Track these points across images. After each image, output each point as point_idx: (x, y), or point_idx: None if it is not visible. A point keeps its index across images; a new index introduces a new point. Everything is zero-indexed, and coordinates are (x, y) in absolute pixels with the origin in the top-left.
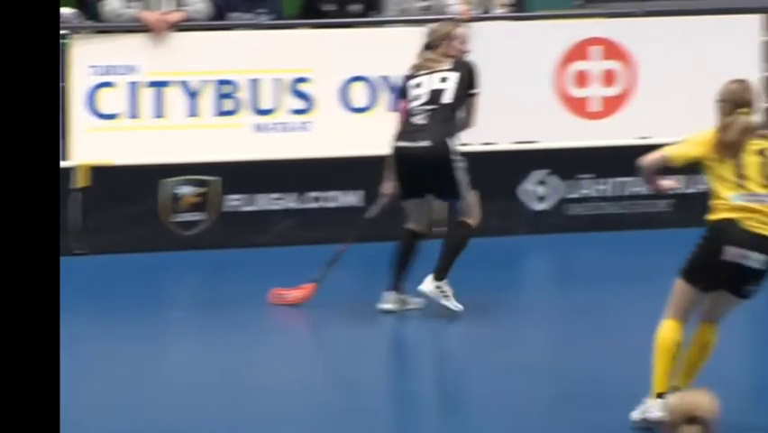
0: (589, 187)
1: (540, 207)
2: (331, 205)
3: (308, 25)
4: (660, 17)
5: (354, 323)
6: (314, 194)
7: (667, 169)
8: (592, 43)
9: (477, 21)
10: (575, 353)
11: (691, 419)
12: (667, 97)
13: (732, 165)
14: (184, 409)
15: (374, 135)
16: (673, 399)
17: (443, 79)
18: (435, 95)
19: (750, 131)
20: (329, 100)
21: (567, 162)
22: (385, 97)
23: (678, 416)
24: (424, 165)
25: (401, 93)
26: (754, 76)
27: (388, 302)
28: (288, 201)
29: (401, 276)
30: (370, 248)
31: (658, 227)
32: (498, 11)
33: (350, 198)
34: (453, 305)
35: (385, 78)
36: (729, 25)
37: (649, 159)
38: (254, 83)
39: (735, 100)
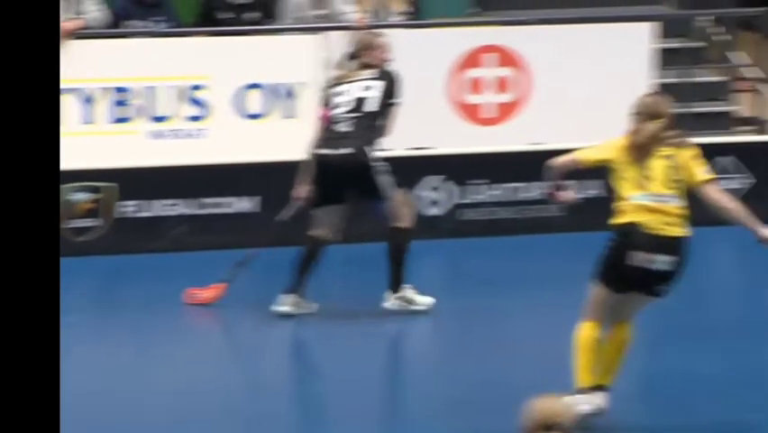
0: (483, 192)
1: (434, 212)
2: (225, 211)
3: (205, 33)
4: (553, 25)
5: (258, 326)
6: (208, 200)
7: (573, 175)
8: (486, 51)
9: (373, 29)
10: (468, 357)
11: (549, 427)
12: (560, 104)
13: (638, 167)
14: (81, 414)
15: (269, 142)
16: (532, 406)
17: (367, 88)
18: (359, 103)
19: (659, 138)
20: (225, 107)
21: (461, 168)
22: (280, 105)
23: (536, 423)
24: (345, 173)
25: (322, 101)
26: (644, 83)
27: (285, 304)
28: (183, 207)
29: (302, 280)
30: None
31: (550, 232)
32: (394, 18)
33: (244, 204)
34: (423, 304)
35: (280, 86)
36: (621, 33)
37: (560, 161)
38: (150, 90)
39: (649, 112)
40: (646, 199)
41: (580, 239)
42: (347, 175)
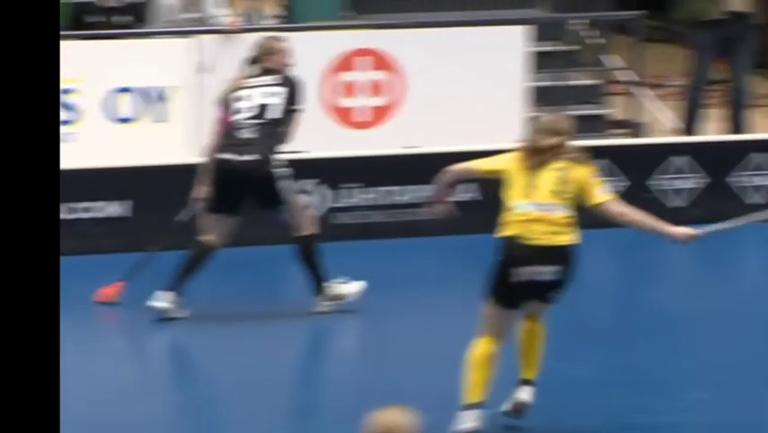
0: (356, 196)
1: None
2: (97, 215)
3: (75, 37)
4: (427, 29)
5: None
6: (79, 204)
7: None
8: (360, 54)
9: (245, 32)
10: (339, 360)
11: None
12: (434, 107)
13: (528, 177)
14: None
15: (140, 146)
16: (372, 417)
17: (271, 94)
18: (262, 109)
19: (557, 153)
20: (95, 111)
21: (334, 172)
22: (152, 108)
23: None
24: (247, 179)
25: (222, 104)
26: (518, 86)
27: (163, 301)
28: None
29: (184, 282)
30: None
31: (423, 235)
32: (267, 22)
33: (115, 209)
34: (352, 291)
35: (152, 90)
36: (495, 37)
37: (455, 168)
38: None
39: (549, 130)
40: (530, 208)
41: (454, 242)
42: (249, 182)
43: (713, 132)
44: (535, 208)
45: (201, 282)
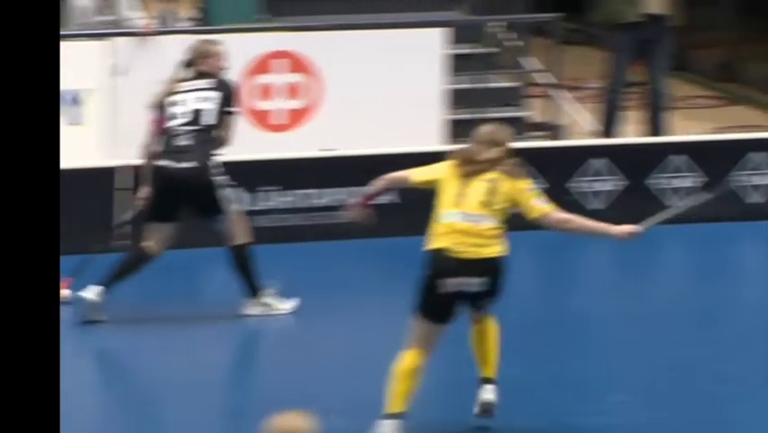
0: (274, 199)
1: None
2: None
3: None
4: (345, 31)
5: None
6: None
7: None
8: (276, 57)
9: (160, 34)
10: (263, 364)
11: None
12: (352, 110)
13: (459, 186)
14: None
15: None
16: (270, 421)
17: (205, 99)
18: (197, 115)
19: (494, 165)
20: None
21: (251, 175)
22: (66, 111)
23: None
24: (186, 187)
25: (155, 108)
26: (436, 89)
27: (92, 294)
28: None
29: (115, 283)
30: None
31: (341, 238)
32: (182, 24)
33: None
34: (286, 307)
35: (66, 93)
36: (412, 39)
37: (391, 175)
38: None
39: (487, 141)
40: (457, 218)
41: (372, 245)
42: (188, 190)
43: (631, 134)
44: (463, 218)
45: (128, 285)
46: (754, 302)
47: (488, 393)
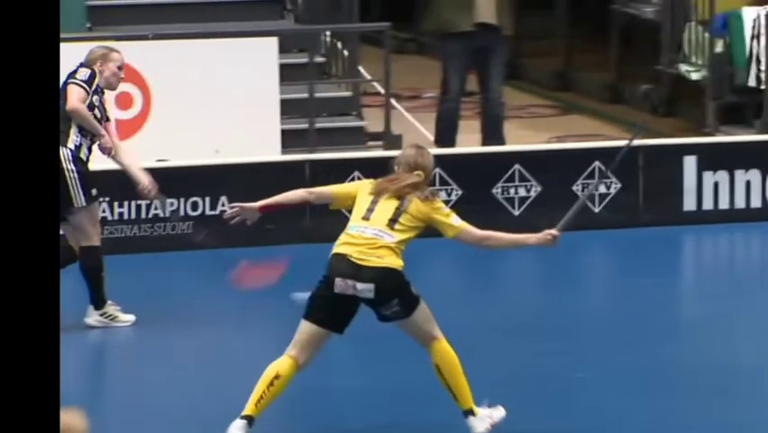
0: (109, 210)
1: None
2: None
3: None
4: (173, 40)
5: None
6: None
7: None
8: None
9: None
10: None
11: None
12: (182, 120)
13: (370, 202)
14: None
15: None
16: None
17: None
18: None
19: (414, 189)
20: None
21: None
22: None
23: None
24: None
25: None
26: (269, 98)
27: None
28: None
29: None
30: None
31: (178, 249)
32: None
33: None
34: (123, 320)
35: None
36: (246, 48)
37: (308, 190)
38: None
39: (409, 163)
40: (363, 231)
41: (213, 256)
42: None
43: (467, 143)
44: (369, 232)
45: None
46: (593, 310)
47: (474, 426)
